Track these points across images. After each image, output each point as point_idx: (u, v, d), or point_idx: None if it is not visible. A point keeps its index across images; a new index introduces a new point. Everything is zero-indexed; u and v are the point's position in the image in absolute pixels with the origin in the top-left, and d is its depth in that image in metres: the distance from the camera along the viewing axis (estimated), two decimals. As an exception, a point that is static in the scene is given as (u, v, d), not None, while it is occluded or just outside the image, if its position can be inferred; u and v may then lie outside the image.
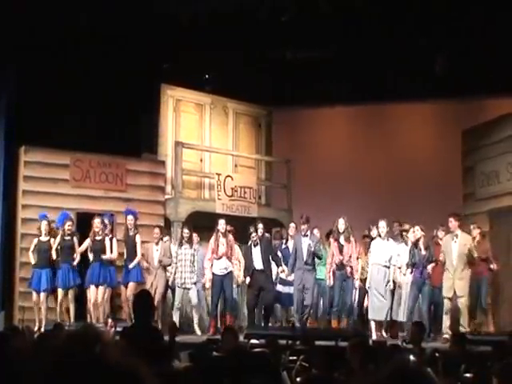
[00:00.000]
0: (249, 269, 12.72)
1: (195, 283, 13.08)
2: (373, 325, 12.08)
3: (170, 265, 13.14)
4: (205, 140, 17.02)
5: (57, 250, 12.67)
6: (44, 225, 12.80)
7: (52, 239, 12.76)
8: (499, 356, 6.68)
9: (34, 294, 12.57)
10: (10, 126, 13.51)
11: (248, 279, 12.74)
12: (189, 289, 13.01)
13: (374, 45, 15.36)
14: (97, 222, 12.76)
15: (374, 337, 11.81)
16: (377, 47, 15.45)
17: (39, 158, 14.04)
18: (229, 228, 13.16)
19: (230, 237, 12.94)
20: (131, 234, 13.05)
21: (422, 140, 17.92)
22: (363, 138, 18.12)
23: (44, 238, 12.77)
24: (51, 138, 13.77)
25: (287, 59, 16.28)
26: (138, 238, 12.99)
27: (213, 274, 12.76)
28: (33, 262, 12.69)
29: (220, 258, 12.72)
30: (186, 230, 13.21)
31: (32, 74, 13.78)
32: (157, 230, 13.37)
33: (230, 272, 12.88)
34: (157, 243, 13.19)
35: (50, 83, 13.90)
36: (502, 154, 14.49)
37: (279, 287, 13.24)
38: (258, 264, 12.68)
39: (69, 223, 12.79)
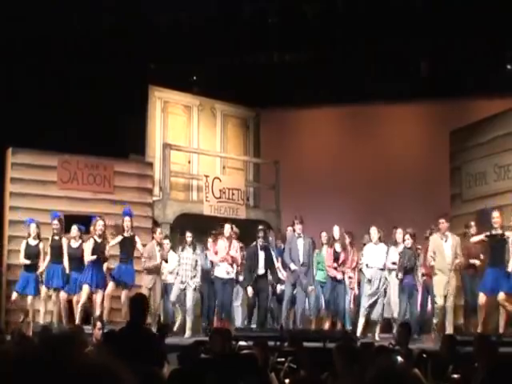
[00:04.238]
0: (252, 273, 12.73)
1: (195, 288, 13.04)
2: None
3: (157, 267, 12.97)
4: (193, 142, 17.00)
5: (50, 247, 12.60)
6: (33, 228, 12.66)
7: (41, 243, 12.67)
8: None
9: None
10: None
11: (250, 289, 12.73)
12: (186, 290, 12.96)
13: (362, 46, 15.41)
14: (100, 223, 12.54)
15: (377, 338, 11.84)
16: (364, 48, 15.50)
17: (27, 160, 13.99)
18: (235, 230, 13.24)
19: (234, 242, 12.96)
20: (128, 235, 12.72)
21: (410, 141, 17.95)
22: (351, 139, 18.16)
23: (33, 242, 12.65)
24: (39, 139, 13.74)
25: (275, 61, 16.32)
26: (137, 238, 12.77)
27: (216, 276, 12.89)
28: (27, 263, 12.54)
29: (222, 261, 12.84)
30: (188, 234, 13.13)
31: (19, 76, 13.75)
32: (159, 230, 13.28)
33: (232, 278, 12.96)
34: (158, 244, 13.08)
35: (38, 84, 13.87)
36: (489, 155, 14.53)
37: (279, 287, 13.30)
38: (261, 269, 12.75)
39: (54, 222, 12.70)
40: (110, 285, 12.42)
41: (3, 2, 12.95)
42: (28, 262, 12.51)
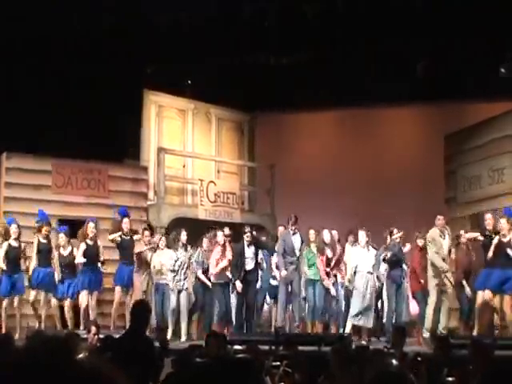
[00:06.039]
0: (240, 269, 12.70)
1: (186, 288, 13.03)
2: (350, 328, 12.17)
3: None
4: (187, 146, 16.98)
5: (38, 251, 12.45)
6: (14, 228, 12.32)
7: (23, 244, 12.37)
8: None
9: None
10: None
11: (238, 283, 12.68)
12: (180, 291, 12.94)
13: (358, 49, 15.40)
14: (91, 226, 12.53)
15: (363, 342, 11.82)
16: (360, 51, 15.49)
17: (21, 165, 13.96)
18: (227, 233, 13.25)
19: (228, 247, 12.98)
20: (127, 237, 12.75)
21: (405, 144, 17.96)
22: (346, 142, 18.14)
23: (14, 243, 12.30)
24: (33, 144, 13.71)
25: (271, 64, 16.29)
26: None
27: (213, 282, 12.81)
28: (4, 268, 12.18)
29: (222, 269, 12.79)
30: (173, 233, 13.18)
31: (13, 80, 13.72)
32: (147, 233, 13.25)
33: (228, 282, 12.92)
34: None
35: (32, 89, 13.84)
36: (484, 159, 14.55)
37: (272, 282, 13.27)
38: (250, 265, 12.75)
39: (46, 228, 12.52)
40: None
41: (3, 2, 12.94)
42: (3, 266, 12.08)
